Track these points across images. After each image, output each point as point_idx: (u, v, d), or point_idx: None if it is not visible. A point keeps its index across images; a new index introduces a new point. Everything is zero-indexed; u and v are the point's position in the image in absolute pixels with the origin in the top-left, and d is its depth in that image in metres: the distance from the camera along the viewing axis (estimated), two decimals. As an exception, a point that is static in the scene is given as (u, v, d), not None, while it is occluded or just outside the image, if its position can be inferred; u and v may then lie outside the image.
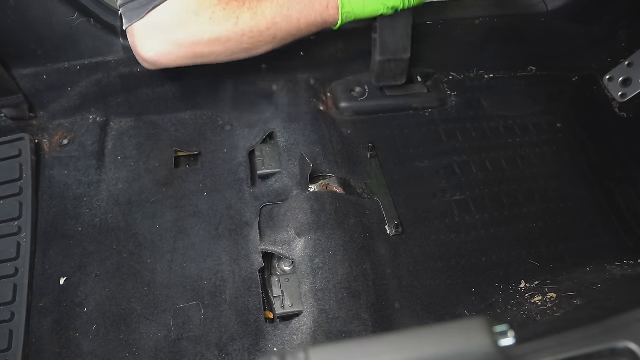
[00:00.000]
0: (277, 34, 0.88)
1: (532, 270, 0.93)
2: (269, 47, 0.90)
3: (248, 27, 0.85)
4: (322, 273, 0.84)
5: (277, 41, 0.89)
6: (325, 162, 0.97)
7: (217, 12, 0.83)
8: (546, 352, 0.44)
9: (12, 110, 0.99)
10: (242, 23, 0.84)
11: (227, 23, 0.84)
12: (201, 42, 0.84)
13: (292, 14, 0.87)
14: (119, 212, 0.92)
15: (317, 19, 0.89)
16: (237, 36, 0.85)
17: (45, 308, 0.83)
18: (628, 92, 1.11)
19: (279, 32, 0.88)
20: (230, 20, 0.84)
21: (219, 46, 0.86)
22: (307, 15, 0.88)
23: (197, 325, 0.82)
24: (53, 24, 0.94)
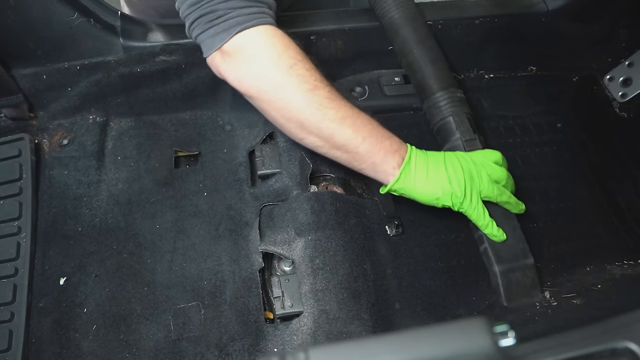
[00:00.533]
0: (336, 134, 0.80)
1: (532, 270, 0.93)
2: (319, 142, 0.82)
3: (318, 102, 0.78)
4: (322, 273, 0.84)
5: (331, 143, 0.81)
6: (325, 162, 0.97)
7: (297, 67, 0.78)
8: (546, 352, 0.44)
9: (11, 110, 0.99)
10: (316, 95, 0.78)
11: (303, 83, 0.78)
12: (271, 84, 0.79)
13: (361, 128, 0.80)
14: (118, 212, 0.92)
15: (378, 153, 0.81)
16: (304, 102, 0.78)
17: (45, 308, 0.83)
18: (628, 92, 1.11)
19: (338, 133, 0.80)
20: (307, 83, 0.78)
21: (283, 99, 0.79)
22: (370, 143, 0.80)
23: (197, 326, 0.82)
24: (53, 24, 0.94)
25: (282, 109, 0.80)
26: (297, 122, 0.81)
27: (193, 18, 0.79)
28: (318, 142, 0.82)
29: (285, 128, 0.83)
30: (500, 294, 0.85)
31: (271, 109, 0.82)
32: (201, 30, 0.79)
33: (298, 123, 0.81)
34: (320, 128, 0.80)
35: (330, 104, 0.79)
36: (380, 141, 0.81)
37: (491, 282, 0.87)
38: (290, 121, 0.81)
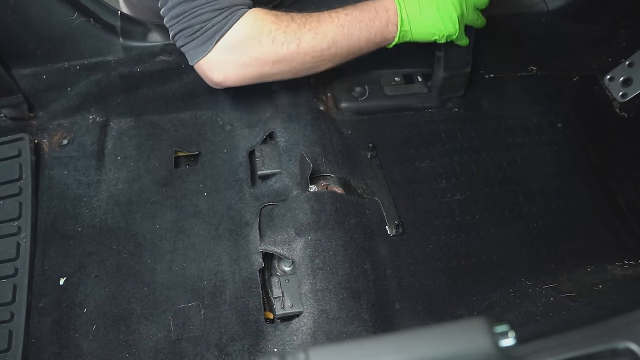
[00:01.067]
0: (338, 52, 0.91)
1: (532, 270, 0.93)
2: (330, 64, 0.94)
3: (310, 47, 0.88)
4: (322, 273, 0.84)
5: (338, 59, 0.93)
6: (325, 162, 0.97)
7: (278, 36, 0.86)
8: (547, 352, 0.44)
9: (11, 110, 0.99)
10: (304, 43, 0.88)
11: (290, 45, 0.87)
12: (267, 64, 0.88)
13: (352, 32, 0.90)
14: (118, 212, 0.92)
15: (376, 37, 0.92)
16: (300, 56, 0.89)
17: (44, 308, 0.83)
18: (629, 92, 1.11)
19: (339, 50, 0.91)
20: (292, 42, 0.87)
21: (283, 66, 0.89)
22: (366, 34, 0.91)
23: (197, 326, 0.82)
24: (52, 24, 0.94)
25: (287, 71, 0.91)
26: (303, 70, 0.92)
27: (175, 31, 0.86)
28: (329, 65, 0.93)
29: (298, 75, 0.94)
30: (436, 90, 1.09)
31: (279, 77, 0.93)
32: (183, 42, 0.87)
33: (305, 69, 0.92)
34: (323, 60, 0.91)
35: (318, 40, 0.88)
36: (371, 25, 0.91)
37: (432, 81, 1.10)
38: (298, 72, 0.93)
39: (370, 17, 0.91)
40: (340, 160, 0.99)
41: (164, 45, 1.01)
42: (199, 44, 0.85)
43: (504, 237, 0.96)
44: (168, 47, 1.01)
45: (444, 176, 1.02)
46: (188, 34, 0.85)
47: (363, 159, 1.02)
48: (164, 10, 0.85)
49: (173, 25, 0.85)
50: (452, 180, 1.02)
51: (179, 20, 0.84)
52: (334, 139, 1.01)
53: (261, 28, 0.86)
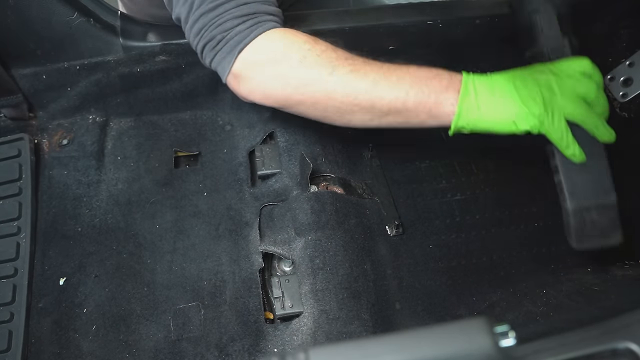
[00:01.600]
0: (376, 102, 0.74)
1: (532, 271, 0.93)
2: (365, 116, 0.77)
3: (343, 82, 0.73)
4: (323, 273, 0.84)
5: (376, 113, 0.76)
6: (325, 162, 0.97)
7: (308, 57, 0.74)
8: (547, 352, 0.44)
9: (11, 110, 0.99)
10: (337, 75, 0.73)
11: (320, 70, 0.74)
12: (290, 85, 0.76)
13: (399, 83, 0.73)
14: (118, 212, 0.92)
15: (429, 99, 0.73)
16: (330, 88, 0.74)
17: (44, 308, 0.83)
18: (629, 92, 1.11)
19: (378, 100, 0.74)
20: (324, 68, 0.74)
21: (308, 95, 0.76)
22: (418, 92, 0.73)
23: (196, 326, 0.82)
24: (52, 24, 0.94)
25: (314, 104, 0.77)
26: (334, 110, 0.77)
27: (200, 48, 0.79)
28: (366, 118, 0.77)
29: (328, 119, 0.80)
30: (570, 235, 0.76)
31: (305, 109, 0.79)
32: (210, 58, 0.79)
33: (335, 110, 0.77)
34: (357, 104, 0.75)
35: (356, 76, 0.74)
36: (425, 85, 0.73)
37: (563, 221, 0.77)
38: (327, 111, 0.78)
39: (429, 76, 0.74)
40: (340, 160, 0.98)
41: (164, 45, 1.00)
42: (223, 55, 0.77)
43: (504, 237, 0.96)
44: (168, 47, 1.01)
45: (444, 176, 1.02)
46: (212, 46, 0.77)
47: (363, 159, 1.02)
48: (186, 31, 0.80)
49: (197, 42, 0.79)
50: (453, 180, 1.02)
51: (201, 35, 0.77)
52: (334, 139, 1.01)
53: (291, 43, 0.76)
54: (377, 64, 0.75)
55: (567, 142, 0.74)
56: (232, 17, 0.75)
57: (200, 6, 0.76)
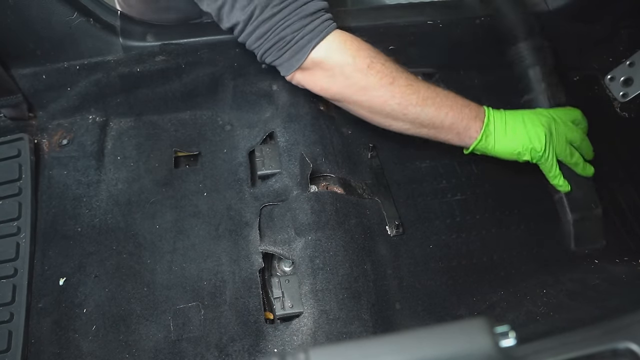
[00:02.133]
0: (421, 115, 0.86)
1: (532, 271, 0.93)
2: (406, 125, 0.89)
3: (400, 92, 0.85)
4: (323, 273, 0.84)
5: (417, 124, 0.88)
6: (325, 162, 0.97)
7: (375, 64, 0.84)
8: (547, 352, 0.44)
9: (11, 110, 0.99)
10: (397, 87, 0.84)
11: (383, 79, 0.84)
12: (353, 85, 0.85)
13: (442, 105, 0.86)
14: (118, 212, 0.92)
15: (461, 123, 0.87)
16: (387, 95, 0.85)
17: (44, 309, 0.83)
18: (629, 92, 1.11)
19: (423, 114, 0.86)
20: (387, 77, 0.84)
21: (367, 97, 0.86)
22: (454, 116, 0.86)
23: (196, 326, 0.82)
24: (52, 24, 0.94)
25: (369, 106, 0.87)
26: (383, 114, 0.88)
27: (264, 49, 0.86)
28: (405, 126, 0.89)
29: (373, 120, 0.91)
30: (570, 240, 0.96)
31: (358, 108, 0.89)
32: (275, 57, 0.87)
33: (384, 114, 0.88)
34: (405, 114, 0.86)
35: (411, 90, 0.85)
36: (460, 111, 0.87)
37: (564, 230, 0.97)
38: (377, 114, 0.89)
39: (464, 104, 0.88)
40: (340, 160, 0.98)
41: (164, 45, 1.01)
42: (293, 54, 0.85)
43: (505, 237, 0.96)
44: (168, 47, 1.01)
45: (444, 176, 1.02)
46: (280, 47, 0.85)
47: (363, 159, 1.02)
48: (244, 36, 0.86)
49: (261, 44, 0.85)
50: (453, 180, 1.02)
51: (267, 37, 0.84)
52: (334, 139, 1.01)
53: (360, 49, 0.85)
54: (427, 83, 0.88)
55: (555, 174, 0.93)
56: (298, 18, 0.82)
57: (262, 13, 0.82)
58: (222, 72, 1.04)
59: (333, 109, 1.08)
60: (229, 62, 1.04)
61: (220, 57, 1.03)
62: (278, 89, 1.05)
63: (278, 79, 1.06)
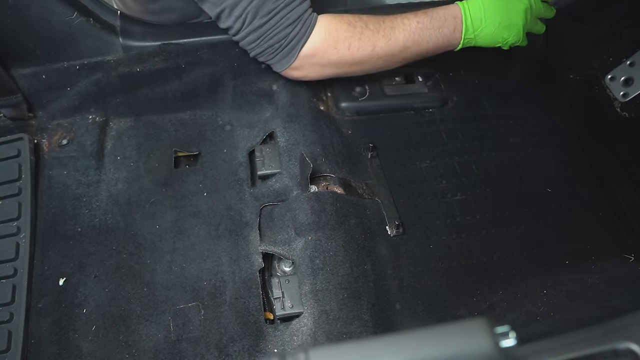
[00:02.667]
0: (408, 56, 0.99)
1: (533, 271, 0.92)
2: (399, 64, 1.01)
3: (383, 52, 0.96)
4: (323, 274, 0.84)
5: (407, 61, 1.01)
6: (325, 162, 0.97)
7: (353, 43, 0.94)
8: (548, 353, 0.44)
9: (10, 110, 0.99)
10: (378, 49, 0.95)
11: (364, 50, 0.94)
12: (344, 66, 0.97)
13: (422, 39, 0.97)
14: (118, 212, 0.92)
15: (443, 42, 0.99)
16: (373, 59, 0.97)
17: (44, 309, 0.83)
18: (630, 92, 1.11)
19: (409, 54, 0.98)
20: (367, 47, 0.94)
21: (359, 67, 0.98)
22: (435, 40, 0.98)
23: (196, 326, 0.82)
24: (52, 24, 0.94)
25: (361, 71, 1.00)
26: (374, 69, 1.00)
27: (256, 52, 0.94)
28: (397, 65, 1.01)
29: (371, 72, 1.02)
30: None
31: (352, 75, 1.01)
32: (267, 59, 0.96)
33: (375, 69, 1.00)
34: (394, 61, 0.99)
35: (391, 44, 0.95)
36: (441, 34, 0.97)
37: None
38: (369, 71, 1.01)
39: (439, 25, 0.97)
40: (340, 160, 0.98)
41: (164, 44, 1.01)
42: (283, 56, 0.94)
43: (505, 237, 0.96)
44: (167, 47, 1.01)
45: (444, 176, 1.02)
46: (270, 52, 0.93)
47: (363, 159, 1.02)
48: (239, 38, 0.93)
49: (253, 48, 0.93)
50: (453, 180, 1.02)
51: (258, 43, 0.92)
52: (334, 139, 1.01)
53: (337, 36, 0.93)
54: (401, 25, 0.96)
55: (525, 41, 1.04)
56: (284, 26, 0.90)
57: (251, 22, 0.89)
58: (222, 72, 1.04)
59: (333, 109, 1.08)
60: (229, 62, 1.04)
61: (220, 57, 1.03)
62: (278, 89, 1.05)
63: (278, 79, 1.06)
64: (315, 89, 1.08)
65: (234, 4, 0.88)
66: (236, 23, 0.90)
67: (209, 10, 0.93)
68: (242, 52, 1.03)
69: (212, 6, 0.91)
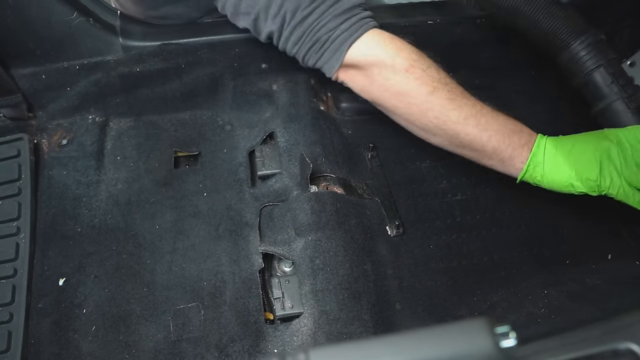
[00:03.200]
0: (461, 133, 0.81)
1: (533, 271, 0.92)
2: (444, 142, 0.85)
3: (439, 104, 0.80)
4: (323, 274, 0.84)
5: (456, 142, 0.83)
6: (325, 163, 0.96)
7: (415, 70, 0.80)
8: (548, 353, 0.44)
9: (10, 110, 0.99)
10: (436, 97, 0.79)
11: (422, 86, 0.79)
12: (389, 88, 0.82)
13: (486, 127, 0.81)
14: (118, 212, 0.92)
15: (505, 151, 0.82)
16: (425, 106, 0.80)
17: (44, 309, 0.83)
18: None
19: (463, 132, 0.81)
20: (426, 85, 0.79)
21: (403, 104, 0.82)
22: (497, 141, 0.81)
23: (196, 327, 0.82)
24: (52, 24, 0.94)
25: (406, 115, 0.84)
26: (420, 125, 0.84)
27: (303, 53, 0.85)
28: (443, 142, 0.85)
29: (412, 131, 0.87)
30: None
31: (396, 116, 0.87)
32: (315, 59, 0.85)
33: (421, 126, 0.84)
34: (444, 130, 0.81)
35: (452, 105, 0.80)
36: (506, 137, 0.81)
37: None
38: (413, 125, 0.85)
39: (513, 130, 0.82)
40: (340, 161, 0.98)
41: (164, 44, 1.00)
42: (331, 54, 0.83)
43: (505, 238, 0.96)
44: (167, 47, 1.01)
45: (444, 176, 1.02)
46: (317, 49, 0.83)
47: (363, 159, 1.02)
48: (282, 43, 0.86)
49: (299, 49, 0.85)
50: (453, 180, 1.02)
51: (303, 41, 0.83)
52: (334, 139, 1.01)
53: (401, 49, 0.81)
54: (472, 100, 0.82)
55: (635, 201, 0.80)
56: (332, 16, 0.80)
57: (293, 17, 0.81)
58: (222, 72, 1.04)
59: (333, 109, 1.08)
60: (229, 62, 1.04)
61: (220, 57, 1.03)
62: (278, 89, 1.05)
63: (278, 79, 1.06)
64: (315, 89, 1.08)
65: (267, 5, 0.82)
66: (275, 24, 0.83)
67: (245, 24, 0.87)
68: (242, 52, 1.03)
69: (245, 17, 0.85)
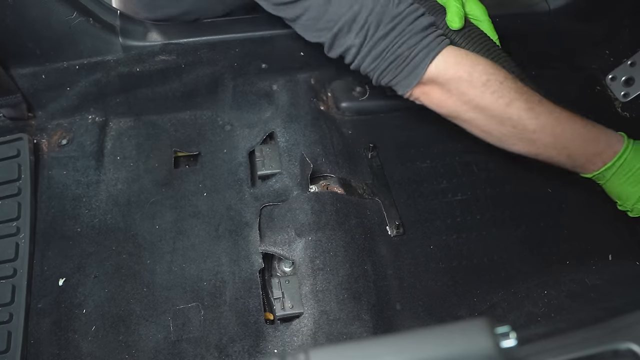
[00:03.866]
0: (538, 143, 0.82)
1: (534, 271, 0.92)
2: (523, 149, 0.85)
3: (516, 115, 0.80)
4: (323, 274, 0.84)
5: (534, 148, 0.83)
6: (325, 163, 0.96)
7: (492, 83, 0.80)
8: (548, 353, 0.44)
9: (10, 110, 0.98)
10: (514, 108, 0.80)
11: (499, 99, 0.80)
12: (467, 102, 0.82)
13: (562, 134, 0.81)
14: (118, 212, 0.92)
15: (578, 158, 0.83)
16: (502, 117, 0.81)
17: (43, 309, 0.83)
18: (631, 92, 1.11)
19: (540, 143, 0.82)
20: (503, 98, 0.80)
21: (481, 117, 0.82)
22: (572, 149, 0.82)
23: (196, 327, 0.82)
24: (52, 23, 0.94)
25: (482, 127, 0.84)
26: (497, 137, 0.84)
27: (380, 70, 0.83)
28: (522, 150, 0.85)
29: (487, 140, 0.87)
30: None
31: (472, 127, 0.86)
32: (392, 76, 0.84)
33: (499, 137, 0.84)
34: (521, 139, 0.82)
35: (529, 115, 0.80)
36: (582, 147, 0.82)
37: None
38: (490, 135, 0.85)
39: (589, 139, 0.82)
40: (340, 161, 0.98)
41: (164, 44, 1.00)
42: (410, 71, 0.82)
43: (505, 238, 0.96)
44: (167, 47, 1.00)
45: (444, 176, 1.02)
46: (397, 65, 0.82)
47: (363, 159, 1.02)
48: (359, 59, 0.84)
49: (377, 65, 0.83)
50: (453, 180, 1.01)
51: (383, 57, 0.82)
52: (334, 139, 1.01)
53: (477, 64, 0.81)
54: (549, 107, 0.81)
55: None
56: (413, 33, 0.80)
57: (376, 31, 0.80)
58: (222, 72, 1.04)
59: (333, 109, 1.08)
60: (229, 62, 1.04)
61: (220, 57, 1.03)
62: (278, 89, 1.05)
63: (278, 79, 1.06)
64: (316, 89, 1.07)
65: (353, 18, 0.80)
66: (357, 39, 0.81)
67: (319, 40, 0.86)
68: (242, 52, 1.03)
69: (322, 32, 0.84)
